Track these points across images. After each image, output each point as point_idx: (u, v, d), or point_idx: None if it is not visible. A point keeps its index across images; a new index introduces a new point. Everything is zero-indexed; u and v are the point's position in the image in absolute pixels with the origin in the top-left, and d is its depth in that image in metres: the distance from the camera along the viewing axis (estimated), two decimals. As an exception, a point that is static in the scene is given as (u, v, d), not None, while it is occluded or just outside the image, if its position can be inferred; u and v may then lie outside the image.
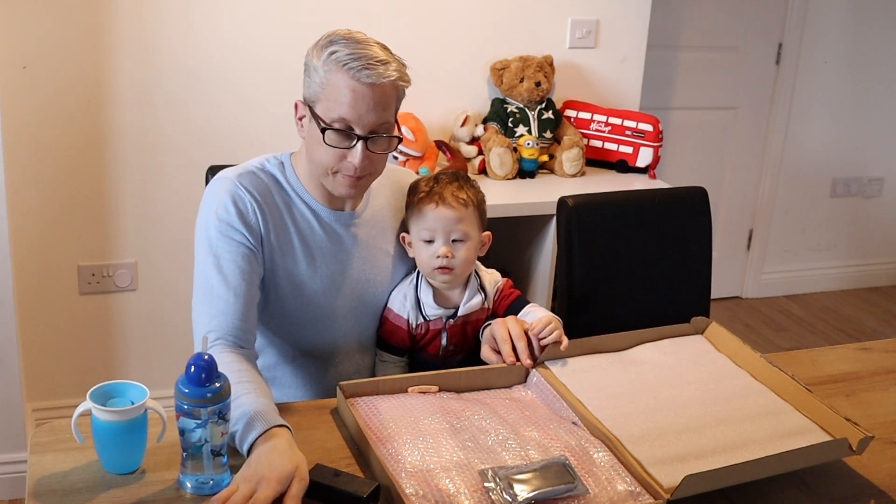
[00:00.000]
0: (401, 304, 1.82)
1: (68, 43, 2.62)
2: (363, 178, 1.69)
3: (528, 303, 1.88)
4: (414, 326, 1.82)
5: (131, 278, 2.87)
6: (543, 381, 1.68)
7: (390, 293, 1.85)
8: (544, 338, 1.71)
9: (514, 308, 1.86)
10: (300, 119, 1.71)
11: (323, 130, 1.62)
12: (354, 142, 1.63)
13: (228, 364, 1.52)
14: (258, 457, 1.35)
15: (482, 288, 1.86)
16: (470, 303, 1.83)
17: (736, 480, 1.40)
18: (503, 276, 1.93)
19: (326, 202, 1.76)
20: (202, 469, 1.35)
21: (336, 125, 1.62)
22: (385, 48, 1.66)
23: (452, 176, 1.82)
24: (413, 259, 1.87)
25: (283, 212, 1.73)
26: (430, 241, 1.78)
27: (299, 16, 2.81)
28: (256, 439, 1.39)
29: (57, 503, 1.33)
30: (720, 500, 1.41)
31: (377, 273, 1.82)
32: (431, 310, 1.81)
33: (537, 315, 1.81)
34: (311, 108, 1.65)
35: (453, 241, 1.77)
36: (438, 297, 1.82)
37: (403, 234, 1.84)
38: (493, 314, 1.87)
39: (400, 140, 1.73)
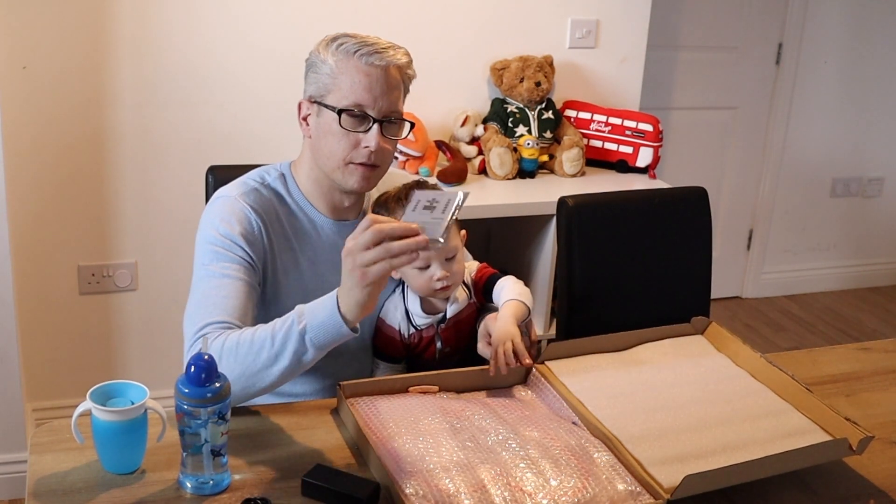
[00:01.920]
0: (392, 315, 1.82)
1: (68, 43, 2.62)
2: (375, 170, 1.69)
3: (497, 279, 1.83)
4: (406, 336, 1.81)
5: (131, 278, 2.87)
6: (543, 381, 1.68)
7: (384, 301, 1.84)
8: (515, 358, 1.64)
9: (487, 290, 1.82)
10: (304, 119, 1.71)
11: (339, 113, 1.63)
12: (370, 124, 1.65)
13: (227, 337, 1.49)
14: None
15: (465, 284, 1.85)
16: (455, 304, 1.82)
17: (736, 480, 1.41)
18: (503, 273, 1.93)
19: (329, 212, 1.76)
20: (202, 469, 1.35)
21: (350, 109, 1.64)
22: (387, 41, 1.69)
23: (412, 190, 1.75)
24: None
25: (286, 227, 1.73)
26: (425, 268, 1.73)
27: (299, 15, 2.81)
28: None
29: (57, 503, 1.33)
30: (720, 500, 1.41)
31: None
32: (420, 319, 1.80)
33: (505, 298, 1.76)
34: (319, 102, 1.66)
35: (446, 260, 1.74)
36: (425, 305, 1.80)
37: None
38: (480, 306, 1.87)
39: (412, 126, 1.74)
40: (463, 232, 1.83)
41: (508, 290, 1.78)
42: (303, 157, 1.76)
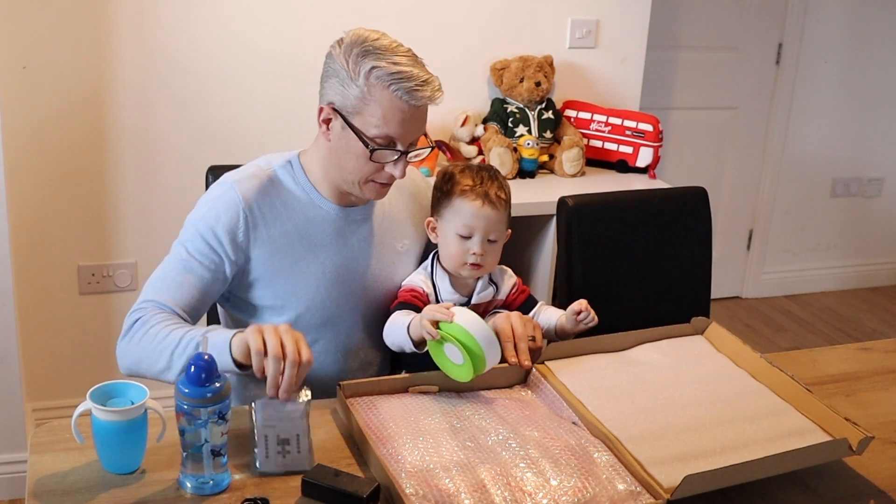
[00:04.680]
0: (419, 286, 1.83)
1: (68, 43, 2.63)
2: (392, 183, 1.73)
3: (537, 302, 1.91)
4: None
5: (131, 278, 2.87)
6: (543, 380, 1.68)
7: (402, 282, 1.85)
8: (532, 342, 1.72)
9: (525, 308, 1.88)
10: (325, 122, 1.70)
11: (372, 151, 1.64)
12: (398, 157, 1.66)
13: (156, 316, 1.62)
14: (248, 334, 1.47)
15: (493, 280, 1.88)
16: (484, 293, 1.84)
17: (736, 480, 1.41)
18: None
19: (336, 199, 1.78)
20: (202, 469, 1.36)
21: (380, 140, 1.64)
22: (415, 58, 1.67)
23: (491, 171, 1.83)
24: (420, 254, 1.90)
25: (281, 213, 1.74)
26: (466, 237, 1.78)
27: (299, 15, 2.81)
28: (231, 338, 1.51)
29: (57, 503, 1.33)
30: (720, 500, 1.41)
31: (384, 268, 1.84)
32: (447, 294, 1.82)
33: (549, 316, 1.86)
34: (345, 119, 1.65)
35: (489, 240, 1.78)
36: (455, 283, 1.83)
37: (430, 218, 1.85)
38: (506, 308, 1.88)
39: (432, 148, 1.75)
40: (508, 231, 1.85)
41: (552, 309, 1.89)
42: (317, 152, 1.76)
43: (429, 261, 1.86)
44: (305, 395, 1.45)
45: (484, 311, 1.86)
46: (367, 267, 1.81)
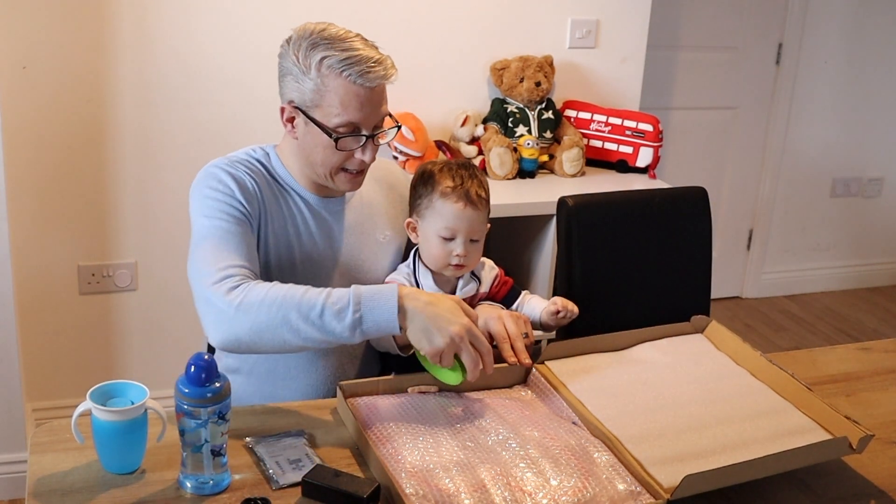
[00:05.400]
0: (404, 282, 1.83)
1: (68, 43, 2.63)
2: (365, 171, 1.74)
3: (520, 292, 1.91)
4: None
5: (131, 278, 2.87)
6: (543, 380, 1.68)
7: (384, 280, 1.85)
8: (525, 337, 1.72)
9: (509, 299, 1.88)
10: (290, 121, 1.72)
11: (336, 140, 1.65)
12: (364, 141, 1.67)
13: (269, 287, 1.52)
14: (434, 313, 1.50)
15: (475, 274, 1.88)
16: (466, 288, 1.85)
17: (736, 480, 1.41)
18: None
19: (314, 189, 1.79)
20: (202, 469, 1.36)
21: (342, 129, 1.65)
22: (365, 41, 1.68)
23: (470, 169, 1.82)
24: (403, 246, 1.90)
25: (276, 195, 1.76)
26: (449, 239, 1.78)
27: (300, 14, 2.80)
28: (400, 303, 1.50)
29: (57, 503, 1.33)
30: (720, 500, 1.41)
31: (365, 258, 1.84)
32: (431, 290, 1.82)
33: (533, 307, 1.86)
34: (306, 114, 1.67)
35: (471, 240, 1.78)
36: (438, 280, 1.84)
37: (409, 219, 1.85)
38: (490, 300, 1.88)
39: (399, 127, 1.76)
40: (487, 225, 1.84)
41: (536, 298, 1.89)
42: (289, 147, 1.78)
43: (410, 258, 1.86)
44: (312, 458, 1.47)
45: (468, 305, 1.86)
46: (349, 257, 1.81)
